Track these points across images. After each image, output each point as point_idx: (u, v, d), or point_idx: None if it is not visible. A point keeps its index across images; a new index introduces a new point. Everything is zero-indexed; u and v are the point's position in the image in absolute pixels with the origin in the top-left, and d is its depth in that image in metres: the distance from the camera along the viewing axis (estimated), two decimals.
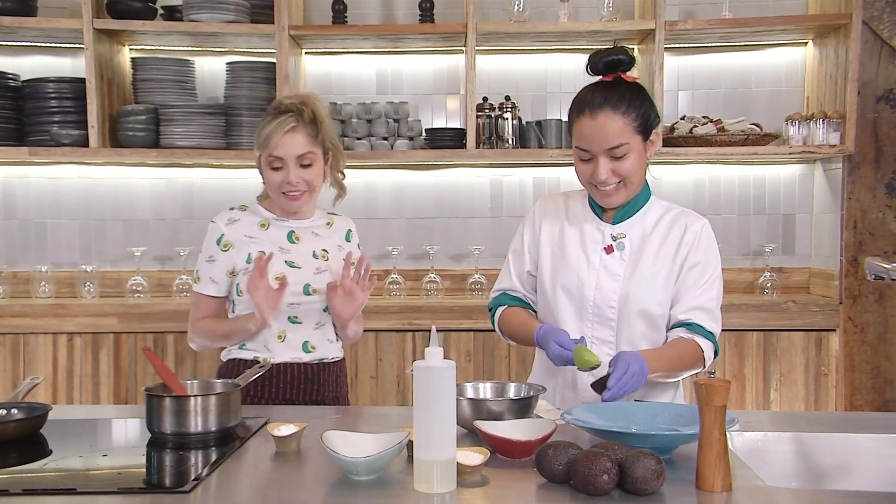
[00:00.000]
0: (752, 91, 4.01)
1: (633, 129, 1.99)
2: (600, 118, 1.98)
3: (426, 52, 4.01)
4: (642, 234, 2.11)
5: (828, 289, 3.81)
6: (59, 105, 3.71)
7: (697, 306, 2.05)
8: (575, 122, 2.04)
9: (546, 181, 4.04)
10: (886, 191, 3.77)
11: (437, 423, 1.41)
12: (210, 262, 2.32)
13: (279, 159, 2.25)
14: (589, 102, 2.00)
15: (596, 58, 2.05)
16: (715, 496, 1.38)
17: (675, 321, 2.07)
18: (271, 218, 2.37)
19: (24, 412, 1.84)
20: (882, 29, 3.74)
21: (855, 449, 1.78)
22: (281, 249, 2.31)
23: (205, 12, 3.62)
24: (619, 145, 1.98)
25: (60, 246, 4.04)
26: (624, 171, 2.01)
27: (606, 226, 2.13)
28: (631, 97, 2.00)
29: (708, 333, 2.05)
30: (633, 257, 2.09)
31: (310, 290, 2.29)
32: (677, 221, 2.11)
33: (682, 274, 2.08)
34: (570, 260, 2.12)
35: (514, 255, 2.25)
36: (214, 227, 2.33)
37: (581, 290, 2.09)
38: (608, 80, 2.04)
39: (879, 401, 3.79)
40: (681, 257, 2.08)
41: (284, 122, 2.24)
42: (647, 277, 2.06)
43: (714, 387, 1.39)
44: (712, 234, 2.13)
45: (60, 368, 3.62)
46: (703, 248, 2.09)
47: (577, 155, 2.05)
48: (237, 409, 1.81)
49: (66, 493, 1.43)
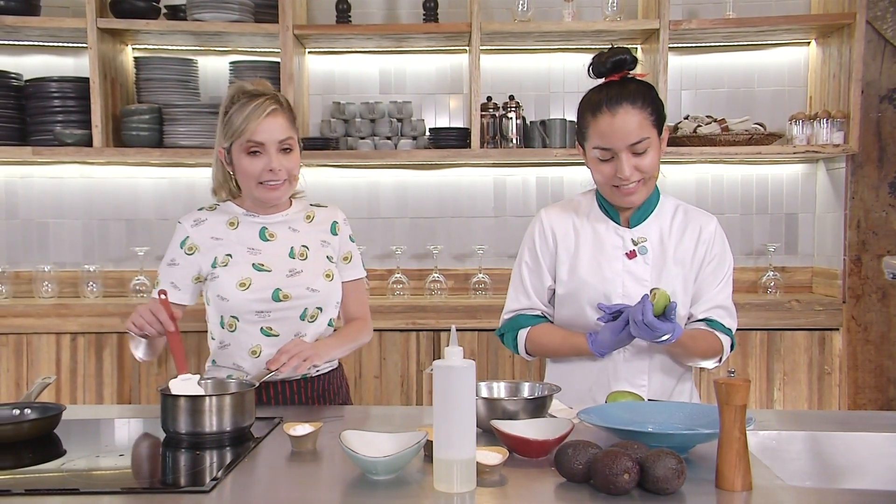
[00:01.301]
0: (755, 91, 4.01)
1: (650, 123, 1.99)
2: (620, 114, 1.96)
3: (429, 51, 4.01)
4: (661, 236, 2.11)
5: (831, 288, 3.82)
6: (62, 105, 3.70)
7: (717, 304, 2.08)
8: (591, 123, 2.00)
9: (549, 181, 4.04)
10: (890, 190, 3.78)
11: (457, 422, 1.41)
12: (171, 266, 2.15)
13: (259, 144, 2.06)
14: (606, 100, 1.98)
15: (601, 59, 2.03)
16: (735, 495, 1.38)
17: (696, 319, 2.09)
18: (241, 214, 2.18)
19: (37, 412, 1.84)
20: (885, 29, 3.75)
21: (869, 448, 1.78)
22: (250, 250, 2.14)
23: (209, 11, 3.61)
24: (640, 140, 1.97)
25: (63, 246, 4.03)
26: (646, 167, 2.00)
27: (625, 230, 2.11)
28: (644, 92, 2.00)
29: (727, 330, 2.07)
30: (657, 261, 2.08)
31: (279, 295, 2.10)
32: (690, 222, 2.12)
33: (701, 274, 2.09)
34: (592, 267, 2.09)
35: (530, 272, 2.17)
36: (180, 229, 2.17)
37: (609, 299, 2.06)
38: (615, 79, 2.03)
39: (883, 399, 3.80)
40: (699, 258, 2.09)
41: (263, 104, 2.06)
42: (672, 280, 2.06)
43: (734, 386, 1.39)
44: (723, 232, 2.15)
45: (64, 368, 3.61)
46: (718, 246, 2.12)
47: (597, 156, 2.02)
48: (252, 409, 1.80)
49: (87, 493, 1.43)
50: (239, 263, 2.13)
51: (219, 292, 2.11)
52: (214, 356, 2.19)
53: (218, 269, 2.12)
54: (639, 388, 2.06)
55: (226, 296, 2.10)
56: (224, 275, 2.11)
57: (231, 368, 2.15)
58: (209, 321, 2.19)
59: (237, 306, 2.10)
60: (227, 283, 2.10)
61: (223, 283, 2.11)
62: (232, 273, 2.11)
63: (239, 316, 2.12)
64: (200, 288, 2.18)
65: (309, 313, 2.17)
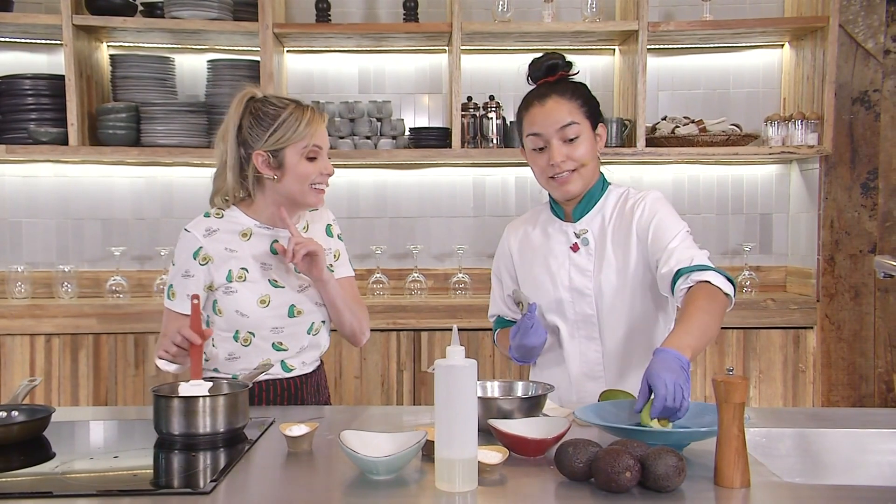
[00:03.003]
0: (730, 92, 4.07)
1: (581, 112, 2.06)
2: (549, 103, 2.06)
3: (409, 51, 4.01)
4: (602, 225, 2.14)
5: (804, 287, 3.88)
6: (35, 102, 3.65)
7: (683, 258, 1.96)
8: (525, 116, 2.11)
9: (528, 181, 4.05)
10: (862, 191, 3.85)
11: (459, 421, 1.41)
12: (186, 278, 2.10)
13: (319, 149, 2.10)
14: (536, 95, 2.10)
15: (536, 65, 2.15)
16: (734, 492, 1.40)
17: (670, 278, 1.96)
18: (254, 226, 2.15)
19: (25, 414, 1.81)
20: (857, 32, 3.82)
21: (856, 444, 1.81)
22: (264, 266, 2.13)
23: (187, 9, 3.58)
24: (569, 124, 2.04)
25: (36, 246, 3.97)
26: (578, 156, 2.06)
27: (569, 225, 2.18)
28: (574, 87, 2.10)
29: (703, 267, 1.93)
30: (599, 250, 2.12)
31: (294, 311, 2.13)
32: (629, 200, 2.14)
33: (650, 240, 2.04)
34: (541, 265, 2.18)
35: (495, 280, 2.34)
36: (190, 238, 2.11)
37: (557, 293, 2.14)
38: (551, 80, 2.12)
39: (855, 396, 3.87)
40: (639, 227, 2.07)
41: (316, 112, 2.12)
42: (614, 265, 2.09)
43: (733, 384, 1.41)
44: (665, 201, 2.11)
45: (38, 370, 3.56)
46: (659, 212, 2.06)
47: (530, 145, 2.10)
48: (245, 410, 1.79)
49: (86, 496, 1.42)
50: (256, 280, 2.11)
51: (238, 308, 2.09)
52: (216, 364, 2.15)
53: (235, 284, 2.10)
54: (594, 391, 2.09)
55: (246, 312, 2.10)
56: (243, 290, 2.10)
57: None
58: (215, 331, 2.13)
59: (256, 322, 2.10)
60: (247, 300, 2.09)
61: (243, 300, 2.09)
62: (252, 290, 2.10)
63: (255, 332, 2.12)
64: (207, 297, 2.14)
65: (315, 327, 2.20)
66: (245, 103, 2.12)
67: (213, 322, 2.13)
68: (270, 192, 2.13)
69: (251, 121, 2.09)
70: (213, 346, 2.15)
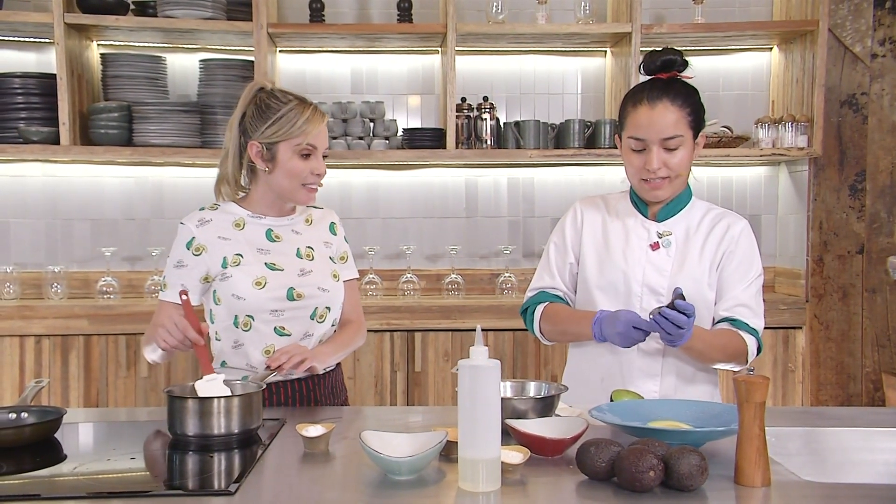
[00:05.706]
0: (720, 94, 4.10)
1: (686, 123, 2.05)
2: (659, 108, 2.03)
3: (402, 51, 4.01)
4: (687, 232, 2.15)
5: (794, 287, 3.92)
6: (25, 101, 3.61)
7: (741, 303, 2.09)
8: (631, 112, 2.08)
9: (521, 182, 4.07)
10: (850, 192, 3.90)
11: (482, 422, 1.42)
12: (179, 268, 2.12)
13: (314, 148, 2.11)
14: (648, 93, 2.06)
15: (652, 57, 2.11)
16: (755, 491, 1.42)
17: (720, 317, 2.11)
18: (246, 215, 2.18)
19: (36, 416, 1.80)
20: (845, 36, 3.86)
21: (864, 443, 1.83)
22: (260, 251, 2.14)
23: (181, 8, 3.56)
24: (673, 136, 2.03)
25: (25, 246, 3.93)
26: (674, 165, 2.05)
27: (651, 223, 2.16)
28: (687, 94, 2.07)
29: (752, 330, 2.08)
30: (680, 254, 2.13)
31: (294, 294, 2.12)
32: (720, 220, 2.16)
33: (725, 270, 2.11)
34: (616, 256, 2.15)
35: (556, 250, 2.25)
36: (184, 230, 2.14)
37: (628, 286, 2.12)
38: (663, 77, 2.09)
39: (843, 396, 3.91)
40: (721, 253, 2.12)
41: (317, 111, 2.13)
42: (694, 273, 2.10)
43: (754, 383, 1.43)
44: (752, 235, 2.18)
45: (29, 372, 3.52)
46: (744, 246, 2.13)
47: (630, 145, 2.08)
48: (259, 411, 1.78)
49: (107, 496, 1.40)
50: (251, 263, 2.12)
51: (234, 291, 2.09)
52: (224, 357, 2.15)
53: (230, 269, 2.11)
54: (650, 389, 2.09)
55: (242, 294, 2.09)
56: (238, 274, 2.10)
57: (245, 370, 2.12)
58: (216, 322, 2.15)
59: (253, 305, 2.09)
60: (242, 282, 2.09)
61: (238, 282, 2.09)
62: (246, 272, 2.10)
63: (254, 315, 2.11)
64: (206, 289, 2.15)
65: (318, 313, 2.18)
66: (253, 93, 2.15)
67: (215, 313, 2.14)
68: (263, 184, 2.17)
69: (254, 111, 2.13)
70: (216, 338, 2.16)
